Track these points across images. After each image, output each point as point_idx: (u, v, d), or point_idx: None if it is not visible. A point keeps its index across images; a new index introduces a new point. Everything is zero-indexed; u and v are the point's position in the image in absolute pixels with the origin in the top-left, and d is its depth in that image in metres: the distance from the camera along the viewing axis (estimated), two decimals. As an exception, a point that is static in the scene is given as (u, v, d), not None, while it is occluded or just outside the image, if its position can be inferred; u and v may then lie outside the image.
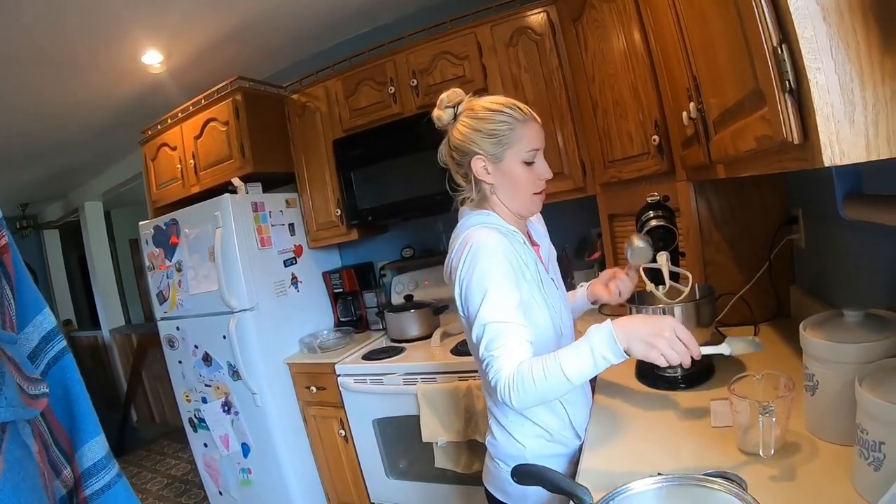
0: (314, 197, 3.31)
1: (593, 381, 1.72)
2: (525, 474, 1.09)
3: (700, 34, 1.18)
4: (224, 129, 3.14)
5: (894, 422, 0.89)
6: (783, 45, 0.68)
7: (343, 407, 2.85)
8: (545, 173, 1.43)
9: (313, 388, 2.95)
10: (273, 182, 3.38)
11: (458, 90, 1.47)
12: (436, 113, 1.48)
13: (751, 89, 0.84)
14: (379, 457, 2.84)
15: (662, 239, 1.65)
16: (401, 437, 2.73)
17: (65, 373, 0.88)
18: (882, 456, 0.93)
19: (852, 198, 1.18)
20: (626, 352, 1.15)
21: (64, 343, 0.89)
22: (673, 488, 0.95)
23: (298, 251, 3.30)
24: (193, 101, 3.31)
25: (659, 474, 1.15)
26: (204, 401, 3.13)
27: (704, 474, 1.09)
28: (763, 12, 0.70)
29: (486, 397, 1.58)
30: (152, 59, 3.17)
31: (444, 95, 1.46)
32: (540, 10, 2.67)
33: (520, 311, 1.29)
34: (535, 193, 1.44)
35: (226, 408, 3.04)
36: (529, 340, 1.27)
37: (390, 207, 3.04)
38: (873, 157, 0.64)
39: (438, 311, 3.08)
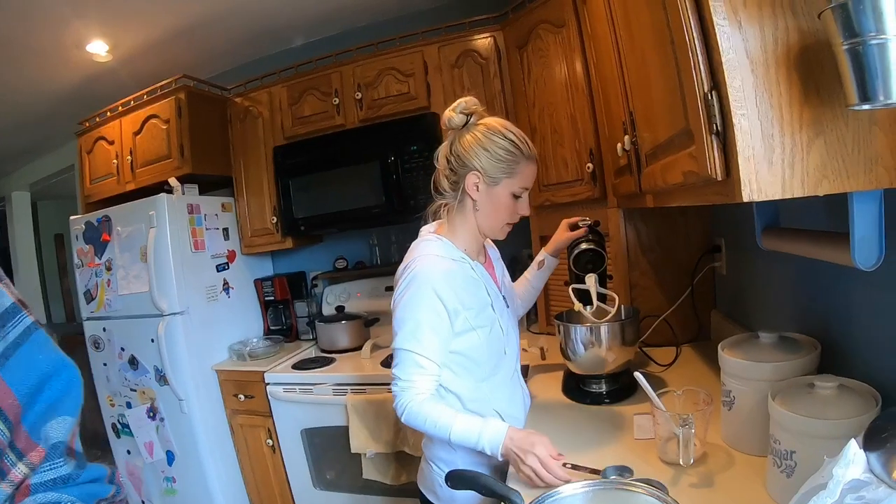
0: (250, 203, 3.28)
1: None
2: (459, 479, 1.14)
3: (638, 73, 1.27)
4: (165, 126, 3.08)
5: (804, 433, 0.99)
6: (713, 92, 0.76)
7: (271, 416, 2.82)
8: (525, 210, 1.51)
9: (241, 396, 2.91)
10: (210, 185, 3.32)
11: (476, 100, 1.49)
12: (448, 114, 1.49)
13: (681, 128, 0.93)
14: (307, 467, 2.81)
15: (592, 261, 1.74)
16: (329, 447, 2.72)
17: None
18: (794, 464, 1.02)
19: (770, 230, 1.30)
20: (501, 455, 1.31)
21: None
22: (599, 492, 1.02)
23: (231, 257, 3.25)
24: (136, 95, 3.22)
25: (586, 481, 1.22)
26: (128, 406, 3.03)
27: (629, 480, 1.17)
28: (698, 61, 0.78)
29: None
30: (98, 48, 3.08)
31: (462, 100, 1.48)
32: (487, 35, 2.76)
33: (437, 346, 1.40)
34: (507, 224, 1.52)
35: (151, 414, 2.94)
36: (436, 376, 1.42)
37: (326, 218, 3.04)
38: (787, 196, 0.73)
39: (369, 323, 3.09)
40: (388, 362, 2.66)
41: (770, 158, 0.72)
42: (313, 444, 2.76)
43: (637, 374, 1.34)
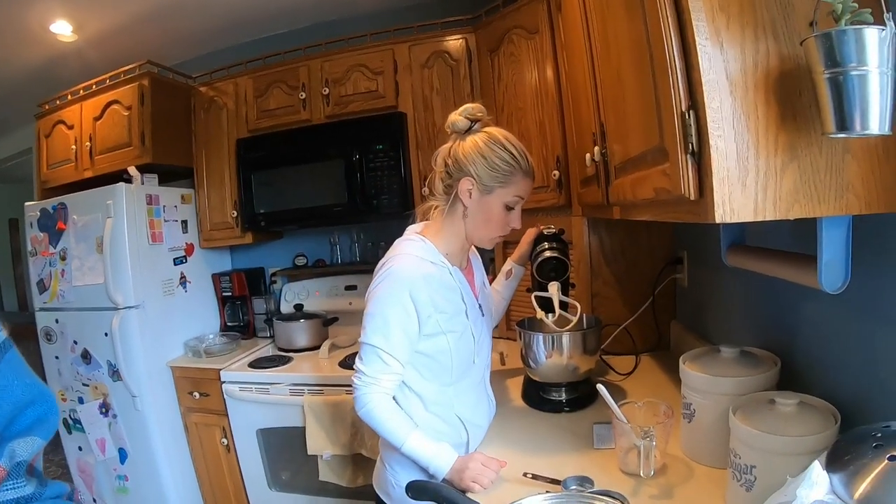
0: (211, 195, 3.20)
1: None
2: (420, 490, 1.12)
3: (612, 86, 1.27)
4: (126, 113, 2.98)
5: (764, 448, 1.00)
6: (691, 111, 0.76)
7: (227, 415, 2.76)
8: (516, 223, 1.52)
9: (196, 394, 2.84)
10: (170, 175, 3.23)
11: (483, 107, 1.50)
12: (453, 117, 1.49)
13: (655, 145, 0.93)
14: (262, 468, 2.76)
15: (555, 270, 1.73)
16: (285, 448, 2.67)
17: None
18: (753, 478, 1.03)
19: (735, 248, 1.31)
20: (446, 478, 1.39)
21: None
22: (561, 504, 1.01)
23: (189, 250, 3.17)
24: (98, 79, 3.11)
25: (547, 492, 1.22)
26: (80, 401, 2.93)
27: (590, 492, 1.17)
28: (677, 79, 0.78)
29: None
30: (62, 28, 2.97)
31: (469, 105, 1.48)
32: (459, 36, 2.75)
33: (404, 345, 1.42)
34: (498, 235, 1.52)
35: (103, 409, 2.85)
36: (399, 375, 1.44)
37: (287, 214, 2.99)
38: (759, 218, 0.73)
39: (328, 322, 3.05)
40: (346, 363, 2.64)
41: (744, 181, 0.72)
42: (269, 444, 2.71)
43: (599, 386, 1.35)
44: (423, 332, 1.44)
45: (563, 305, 1.70)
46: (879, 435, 0.69)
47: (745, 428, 1.03)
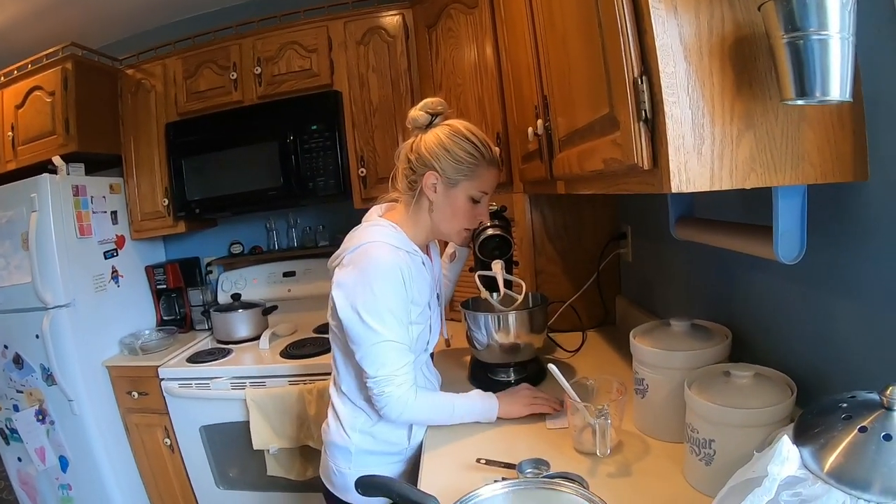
0: (141, 184, 3.04)
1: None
2: (369, 485, 1.07)
3: (557, 56, 1.23)
4: (49, 100, 2.78)
5: (722, 422, 1.00)
6: (644, 77, 0.73)
7: (168, 414, 2.65)
8: (483, 216, 1.52)
9: (135, 394, 2.71)
10: (98, 164, 3.04)
11: (443, 101, 1.48)
12: (414, 113, 1.47)
13: (604, 114, 0.89)
14: (208, 466, 2.67)
15: (498, 248, 1.69)
16: (230, 444, 2.59)
17: None
18: (712, 452, 1.03)
19: (684, 221, 1.30)
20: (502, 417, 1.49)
21: None
22: (520, 492, 0.98)
23: (120, 242, 3.00)
24: (19, 64, 2.90)
25: (503, 479, 1.19)
26: (15, 408, 2.76)
27: (546, 476, 1.15)
28: (629, 46, 0.74)
29: (333, 389, 1.58)
30: (-24, 11, 2.74)
31: (428, 100, 1.46)
32: (396, 12, 2.67)
33: (406, 333, 1.39)
34: (465, 228, 1.50)
35: (40, 416, 2.69)
36: (412, 361, 1.41)
37: (220, 200, 2.88)
38: (716, 188, 0.71)
39: (267, 311, 2.96)
40: (287, 353, 2.59)
41: (700, 149, 0.70)
42: (213, 441, 2.62)
43: (550, 366, 1.32)
44: None
45: (508, 284, 1.67)
46: (846, 405, 0.67)
47: (702, 402, 1.02)
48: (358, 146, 2.75)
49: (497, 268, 1.65)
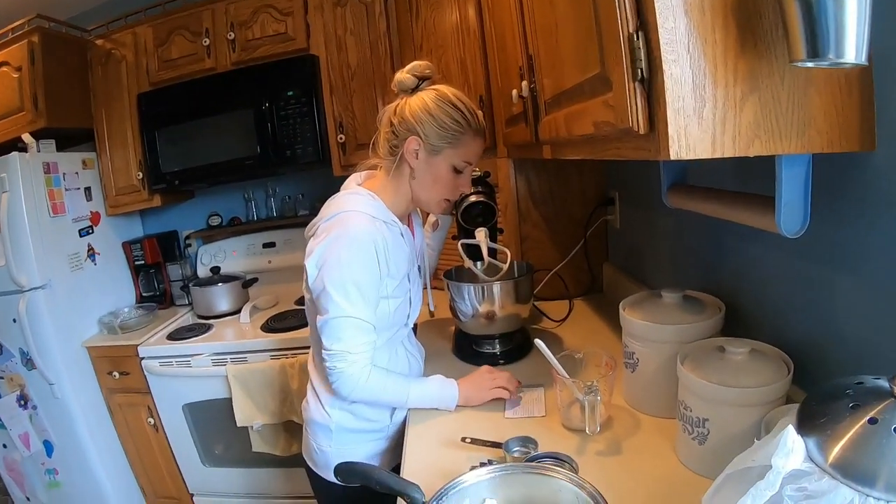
0: (114, 157, 2.93)
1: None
2: (349, 472, 1.02)
3: (543, 12, 1.15)
4: (16, 75, 2.65)
5: (717, 400, 0.96)
6: (640, 33, 0.66)
7: (150, 393, 2.60)
8: (465, 187, 1.46)
9: (116, 374, 2.65)
10: (69, 139, 2.93)
11: (431, 65, 1.41)
12: (401, 76, 1.39)
13: (594, 73, 0.82)
14: (193, 444, 2.64)
15: (482, 215, 1.65)
16: (214, 421, 2.56)
17: None
18: (706, 431, 0.99)
19: (677, 188, 1.23)
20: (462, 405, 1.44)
21: None
22: (506, 477, 0.93)
23: (96, 219, 2.90)
24: None
25: (489, 462, 1.14)
26: (-3, 395, 2.70)
27: (535, 456, 1.11)
28: (623, -1, 0.67)
29: (311, 365, 1.56)
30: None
31: (417, 63, 1.39)
32: (374, -30, 2.55)
33: (373, 310, 1.34)
34: (445, 199, 1.45)
35: (22, 402, 2.63)
36: (375, 341, 1.36)
37: (196, 171, 2.78)
38: (717, 155, 0.64)
39: (248, 283, 2.91)
40: (268, 326, 2.54)
41: (701, 113, 0.63)
42: (197, 419, 2.59)
43: (538, 342, 1.28)
44: None
45: (492, 252, 1.62)
46: (853, 393, 0.62)
47: (696, 379, 0.98)
48: (336, 112, 2.66)
49: (481, 236, 1.60)
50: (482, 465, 1.13)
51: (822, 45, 0.53)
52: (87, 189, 2.87)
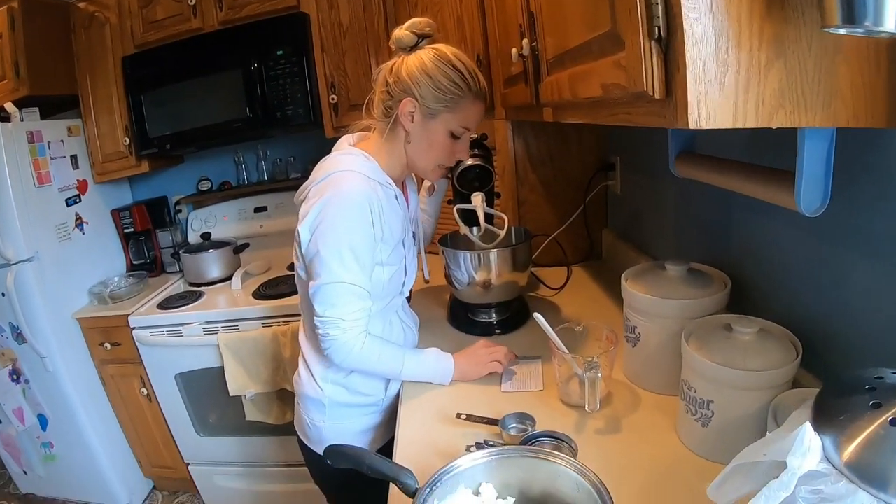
0: (100, 124, 2.82)
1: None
2: (339, 456, 0.97)
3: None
4: None
5: (722, 382, 0.91)
6: (658, -15, 0.59)
7: (142, 363, 2.56)
8: (462, 153, 1.39)
9: (108, 345, 2.61)
10: (53, 107, 2.83)
11: (432, 22, 1.32)
12: (399, 32, 1.30)
13: (604, 31, 0.75)
14: (186, 414, 2.62)
15: (478, 179, 1.58)
16: (207, 390, 2.53)
17: None
18: (710, 413, 0.95)
19: (686, 157, 1.17)
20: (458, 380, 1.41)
21: None
22: (503, 461, 0.89)
23: (83, 187, 2.81)
24: None
25: (486, 442, 1.11)
26: (-11, 370, 2.66)
27: (532, 436, 1.07)
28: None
29: (302, 336, 1.51)
30: None
31: (417, 19, 1.31)
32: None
33: (368, 276, 1.28)
34: (441, 165, 1.39)
35: (14, 376, 2.59)
36: (370, 308, 1.31)
37: (184, 136, 2.69)
38: (739, 125, 0.58)
39: (239, 249, 2.85)
40: (260, 293, 2.49)
41: (723, 78, 0.56)
42: (190, 388, 2.56)
43: (537, 316, 1.23)
44: None
45: (489, 218, 1.56)
46: (873, 389, 0.58)
47: (701, 360, 0.93)
48: (328, 72, 2.56)
49: (477, 200, 1.53)
50: (478, 445, 1.10)
51: (860, 11, 0.46)
52: (74, 157, 2.77)
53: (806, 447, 0.56)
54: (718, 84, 0.56)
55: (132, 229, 2.95)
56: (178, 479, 2.85)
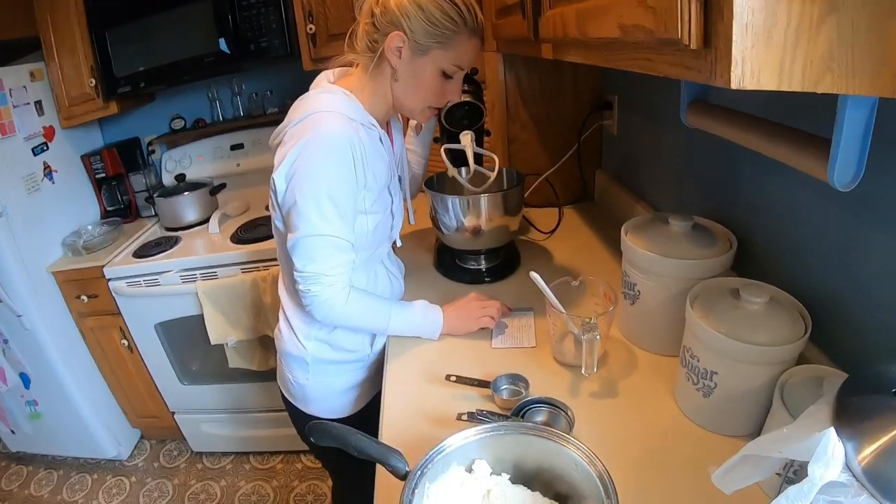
0: (64, 66, 2.63)
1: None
2: (323, 434, 0.91)
3: None
4: None
5: (728, 354, 0.86)
6: None
7: (120, 314, 2.49)
8: (454, 94, 1.26)
9: (84, 298, 2.52)
10: (13, 51, 2.64)
11: None
12: None
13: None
14: (169, 364, 2.57)
15: (468, 117, 1.49)
16: (188, 339, 2.47)
17: None
18: (713, 384, 0.91)
19: (699, 106, 1.05)
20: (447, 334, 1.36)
21: None
22: (498, 438, 0.84)
23: (50, 134, 2.65)
24: None
25: (478, 412, 1.05)
26: (-35, 332, 2.59)
27: (527, 402, 1.02)
28: None
29: (282, 289, 1.43)
30: None
31: None
32: None
33: (350, 226, 1.19)
34: (430, 107, 1.27)
35: None
36: (353, 260, 1.23)
37: (153, 73, 2.52)
38: (784, 87, 0.49)
39: (215, 190, 2.73)
40: (238, 237, 2.40)
41: (770, 32, 0.47)
42: (171, 337, 2.50)
43: (533, 275, 1.16)
44: None
45: (478, 159, 1.47)
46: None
47: (707, 329, 0.88)
48: (305, -2, 2.38)
49: (466, 140, 1.44)
50: (470, 416, 1.05)
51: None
52: (38, 103, 2.59)
53: (829, 456, 0.52)
54: (766, 39, 0.47)
55: (104, 174, 2.81)
56: (165, 428, 2.83)
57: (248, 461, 2.78)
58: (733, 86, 0.48)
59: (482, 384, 1.15)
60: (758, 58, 0.47)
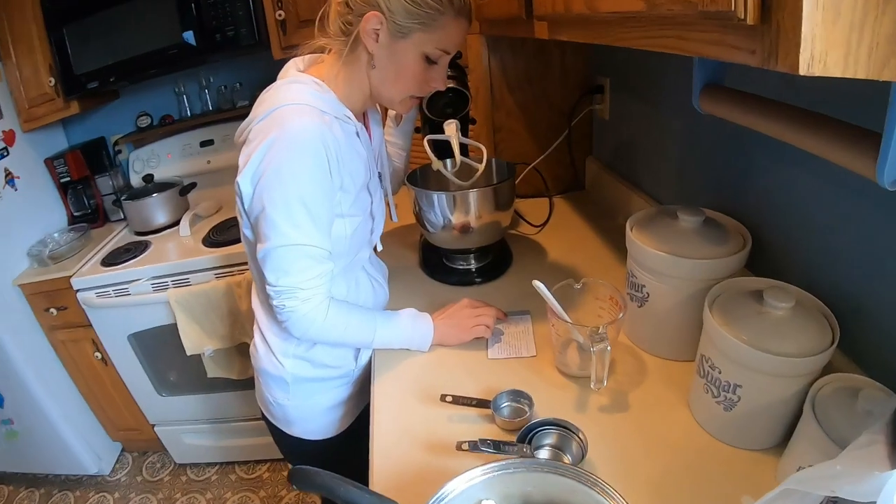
0: (22, 66, 2.50)
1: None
2: (306, 481, 0.80)
3: None
4: None
5: (753, 366, 0.79)
6: None
7: (92, 326, 2.38)
8: (438, 82, 1.13)
9: (53, 311, 2.41)
10: None
11: None
12: None
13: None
14: (145, 375, 2.47)
15: (452, 104, 1.39)
16: (164, 349, 2.37)
17: None
18: (737, 398, 0.83)
19: (713, 90, 0.93)
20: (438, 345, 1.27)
21: None
22: (506, 476, 0.74)
23: (10, 138, 2.51)
24: None
25: (481, 441, 0.95)
26: (-69, 354, 2.46)
27: (534, 425, 0.93)
28: None
29: (255, 302, 1.32)
30: None
31: None
32: None
33: (326, 232, 1.07)
34: (412, 96, 1.14)
35: None
36: (331, 270, 1.11)
37: (114, 69, 2.39)
38: (849, 74, 0.40)
39: (186, 190, 2.62)
40: (211, 239, 2.29)
41: (838, 9, 0.37)
42: (146, 348, 2.39)
43: (536, 283, 1.06)
44: None
45: (464, 149, 1.38)
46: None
47: (730, 338, 0.80)
48: (273, -16, 2.26)
49: (451, 129, 1.31)
50: (471, 445, 0.94)
51: None
52: (-4, 107, 2.48)
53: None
54: (834, 14, 0.37)
55: (69, 178, 2.68)
56: (146, 440, 2.74)
57: (234, 471, 2.69)
58: (801, 71, 0.38)
59: (481, 404, 1.05)
60: (827, 37, 0.38)
